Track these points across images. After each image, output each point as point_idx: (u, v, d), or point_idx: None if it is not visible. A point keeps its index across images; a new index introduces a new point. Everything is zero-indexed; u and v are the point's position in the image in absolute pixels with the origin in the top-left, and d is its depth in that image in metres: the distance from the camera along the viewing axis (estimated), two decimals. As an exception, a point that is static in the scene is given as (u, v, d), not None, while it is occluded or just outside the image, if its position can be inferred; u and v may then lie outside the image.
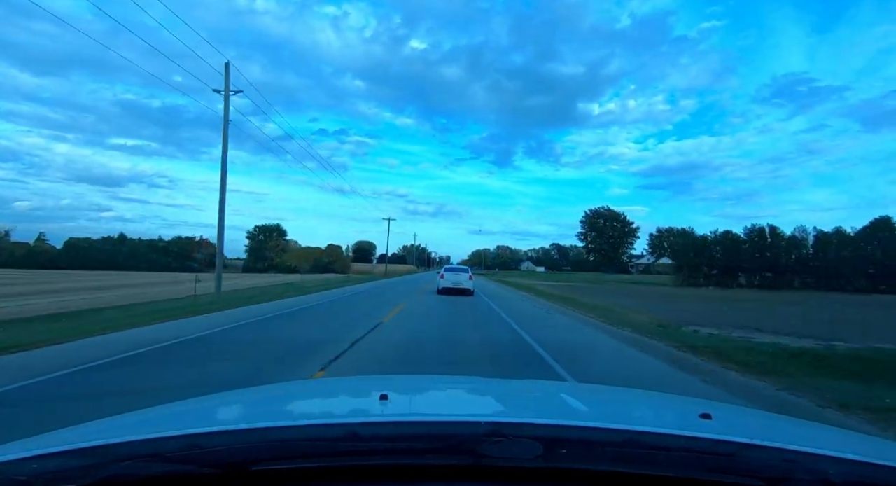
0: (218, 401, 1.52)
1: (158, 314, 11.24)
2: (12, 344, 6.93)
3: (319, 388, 1.90)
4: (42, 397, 4.64)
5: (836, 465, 0.86)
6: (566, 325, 12.37)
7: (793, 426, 1.55)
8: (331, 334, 9.12)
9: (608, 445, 0.91)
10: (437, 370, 6.13)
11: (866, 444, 1.20)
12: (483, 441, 0.88)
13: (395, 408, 1.29)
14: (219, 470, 0.85)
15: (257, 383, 4.43)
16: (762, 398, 5.24)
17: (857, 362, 6.92)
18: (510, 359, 7.38)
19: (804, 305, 24.16)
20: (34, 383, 5.04)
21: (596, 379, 5.86)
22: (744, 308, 20.31)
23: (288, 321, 11.24)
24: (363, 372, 5.92)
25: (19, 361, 6.17)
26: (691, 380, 6.15)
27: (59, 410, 4.24)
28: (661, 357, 7.73)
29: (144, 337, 8.09)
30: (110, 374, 5.62)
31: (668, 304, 21.28)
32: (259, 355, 7.13)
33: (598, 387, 3.28)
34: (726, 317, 15.24)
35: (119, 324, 9.52)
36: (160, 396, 3.17)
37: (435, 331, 9.99)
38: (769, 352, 7.77)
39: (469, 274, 21.52)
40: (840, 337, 10.35)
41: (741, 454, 0.89)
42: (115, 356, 6.47)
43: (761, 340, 9.60)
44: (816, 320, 15.66)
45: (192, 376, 5.72)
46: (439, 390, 1.77)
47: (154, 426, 1.16)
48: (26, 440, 0.98)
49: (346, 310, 14.12)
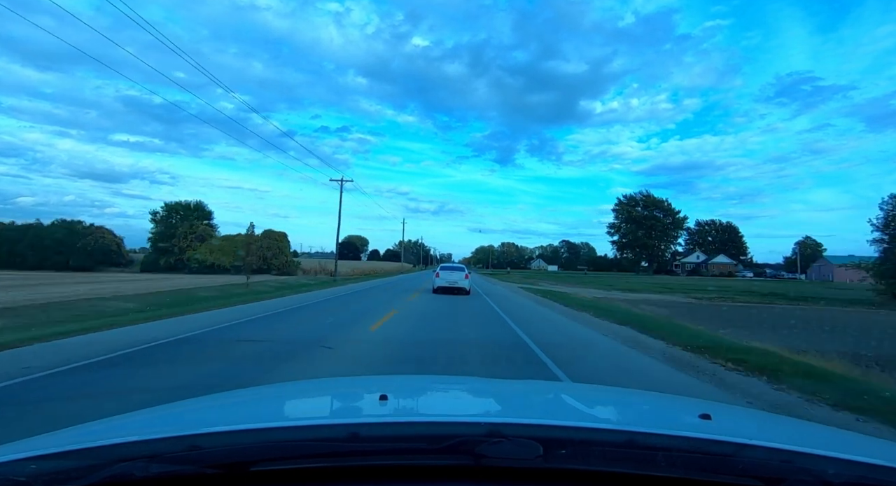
0: (217, 401, 1.52)
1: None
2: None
3: (319, 388, 1.90)
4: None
5: (834, 465, 0.86)
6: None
7: (792, 426, 1.55)
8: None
9: (608, 445, 0.92)
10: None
11: (865, 444, 1.21)
12: (483, 442, 0.89)
13: (394, 408, 1.29)
14: (218, 471, 0.85)
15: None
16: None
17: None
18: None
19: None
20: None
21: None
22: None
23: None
24: None
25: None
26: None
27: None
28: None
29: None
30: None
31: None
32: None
33: (597, 388, 3.28)
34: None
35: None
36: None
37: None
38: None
39: (465, 273, 21.42)
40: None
41: (740, 454, 0.89)
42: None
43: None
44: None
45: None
46: (439, 391, 1.77)
47: (153, 426, 1.16)
48: (25, 441, 0.98)
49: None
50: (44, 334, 8.04)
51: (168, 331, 8.66)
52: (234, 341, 7.90)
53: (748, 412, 1.73)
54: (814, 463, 0.88)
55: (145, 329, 8.97)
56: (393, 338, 8.53)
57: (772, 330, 11.79)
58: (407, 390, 1.70)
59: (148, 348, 7.15)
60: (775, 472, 0.86)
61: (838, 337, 11.39)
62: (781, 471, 0.86)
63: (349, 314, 12.60)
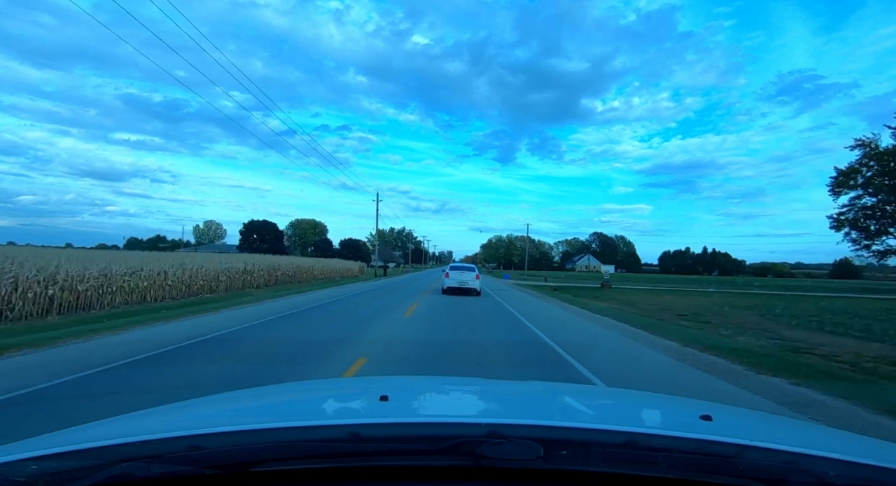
0: (218, 401, 1.52)
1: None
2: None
3: (320, 388, 1.90)
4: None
5: (835, 466, 0.86)
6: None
7: (792, 427, 1.55)
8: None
9: (608, 446, 0.91)
10: None
11: (866, 445, 1.20)
12: (483, 443, 0.88)
13: (395, 409, 1.29)
14: (219, 471, 0.85)
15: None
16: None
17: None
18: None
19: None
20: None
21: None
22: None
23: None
24: None
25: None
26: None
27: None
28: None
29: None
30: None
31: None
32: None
33: (599, 389, 3.27)
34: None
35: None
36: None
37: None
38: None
39: (476, 273, 21.56)
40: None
41: (741, 455, 0.89)
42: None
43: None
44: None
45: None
46: (440, 392, 1.77)
47: (154, 426, 1.16)
48: (26, 441, 0.98)
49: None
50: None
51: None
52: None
53: (749, 412, 1.73)
54: (815, 464, 0.87)
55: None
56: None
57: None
58: (408, 390, 1.70)
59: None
60: (776, 473, 0.86)
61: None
62: (782, 472, 0.86)
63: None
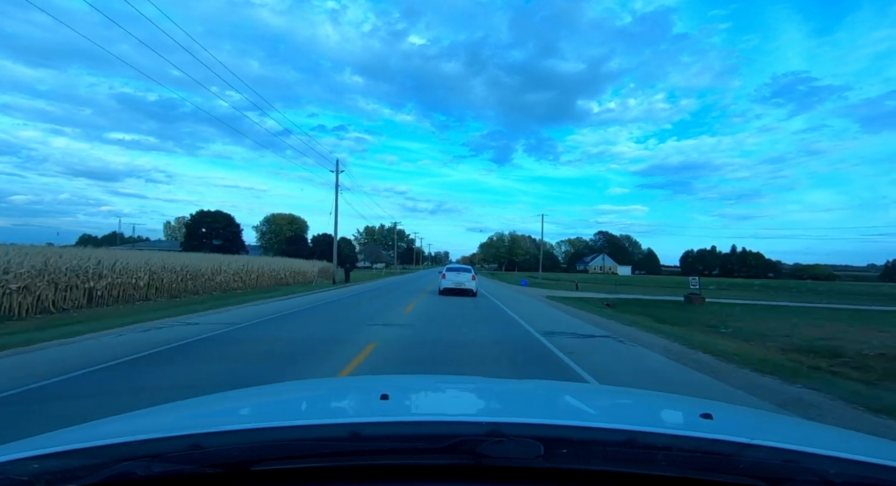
0: (218, 401, 1.52)
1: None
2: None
3: (320, 388, 1.90)
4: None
5: (836, 465, 0.86)
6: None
7: (794, 426, 1.55)
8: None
9: (609, 445, 0.91)
10: None
11: (867, 444, 1.20)
12: (483, 441, 0.88)
13: (395, 408, 1.29)
14: (220, 470, 0.85)
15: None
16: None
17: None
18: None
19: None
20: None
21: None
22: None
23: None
24: None
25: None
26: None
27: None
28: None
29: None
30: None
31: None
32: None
33: (599, 387, 3.27)
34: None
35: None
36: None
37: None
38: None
39: (472, 274, 22.07)
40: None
41: (742, 454, 0.89)
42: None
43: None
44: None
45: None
46: (440, 390, 1.77)
47: (155, 425, 1.16)
48: (27, 440, 0.98)
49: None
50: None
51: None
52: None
53: (750, 411, 1.73)
54: (816, 463, 0.87)
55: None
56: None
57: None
58: (408, 389, 1.70)
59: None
60: (777, 472, 0.86)
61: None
62: (783, 471, 0.86)
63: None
